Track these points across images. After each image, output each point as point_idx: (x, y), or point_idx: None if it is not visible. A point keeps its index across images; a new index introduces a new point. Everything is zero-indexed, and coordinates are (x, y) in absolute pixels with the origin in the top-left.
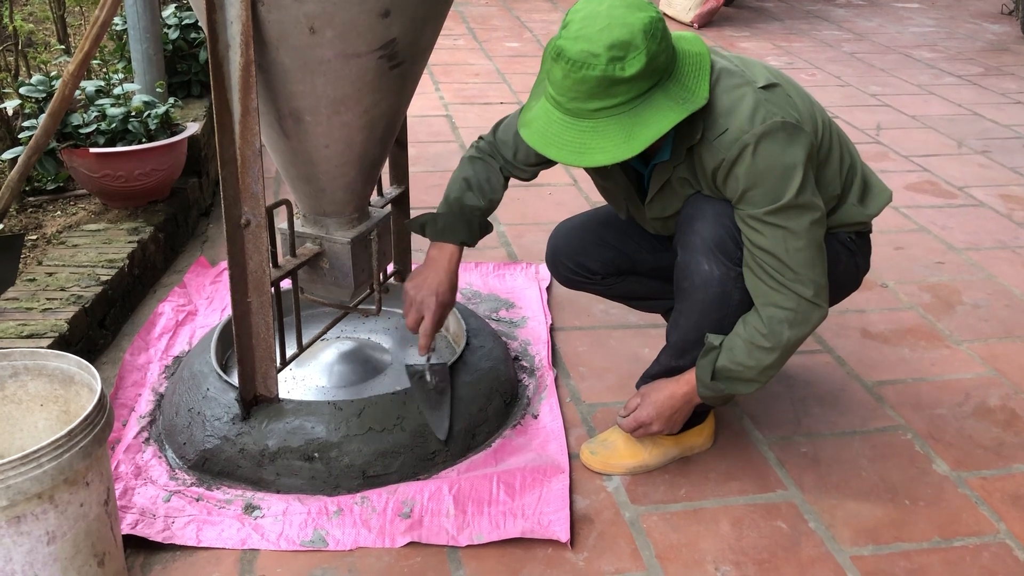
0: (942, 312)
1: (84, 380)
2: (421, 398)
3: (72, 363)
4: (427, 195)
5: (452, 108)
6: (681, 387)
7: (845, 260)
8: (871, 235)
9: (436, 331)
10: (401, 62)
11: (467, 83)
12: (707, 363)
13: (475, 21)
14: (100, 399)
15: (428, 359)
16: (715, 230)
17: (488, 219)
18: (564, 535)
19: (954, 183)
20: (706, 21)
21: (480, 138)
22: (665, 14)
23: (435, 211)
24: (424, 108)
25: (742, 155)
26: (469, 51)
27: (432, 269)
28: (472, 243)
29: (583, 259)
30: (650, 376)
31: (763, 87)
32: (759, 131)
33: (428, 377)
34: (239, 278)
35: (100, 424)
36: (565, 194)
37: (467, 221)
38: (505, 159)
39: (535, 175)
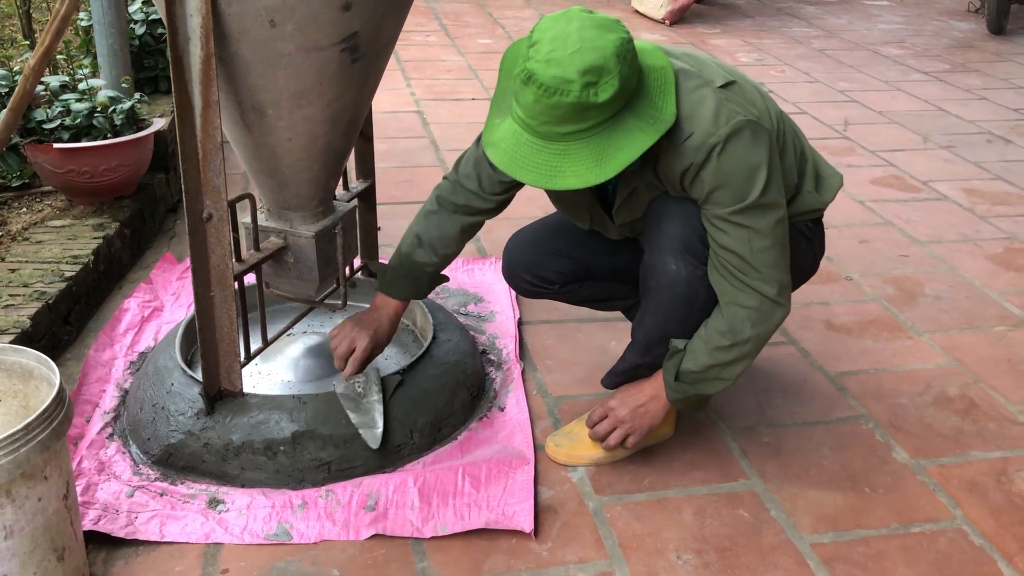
0: (905, 304)
1: (43, 375)
2: (350, 408)
3: (31, 358)
4: (397, 190)
5: (423, 104)
6: (650, 388)
7: (804, 248)
8: (823, 219)
9: (362, 366)
10: (363, 55)
11: (439, 79)
12: (671, 366)
13: (447, 17)
14: (59, 393)
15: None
16: (682, 230)
17: (443, 272)
18: (528, 526)
19: (919, 178)
20: (678, 18)
21: (444, 178)
22: (637, 11)
23: (389, 261)
24: (395, 104)
25: (709, 158)
26: (441, 47)
27: (375, 313)
28: (419, 297)
29: (539, 271)
30: (616, 373)
31: (722, 86)
32: (725, 132)
33: (358, 388)
34: (202, 272)
35: (58, 418)
36: (534, 188)
37: (415, 278)
38: (470, 192)
39: (502, 205)
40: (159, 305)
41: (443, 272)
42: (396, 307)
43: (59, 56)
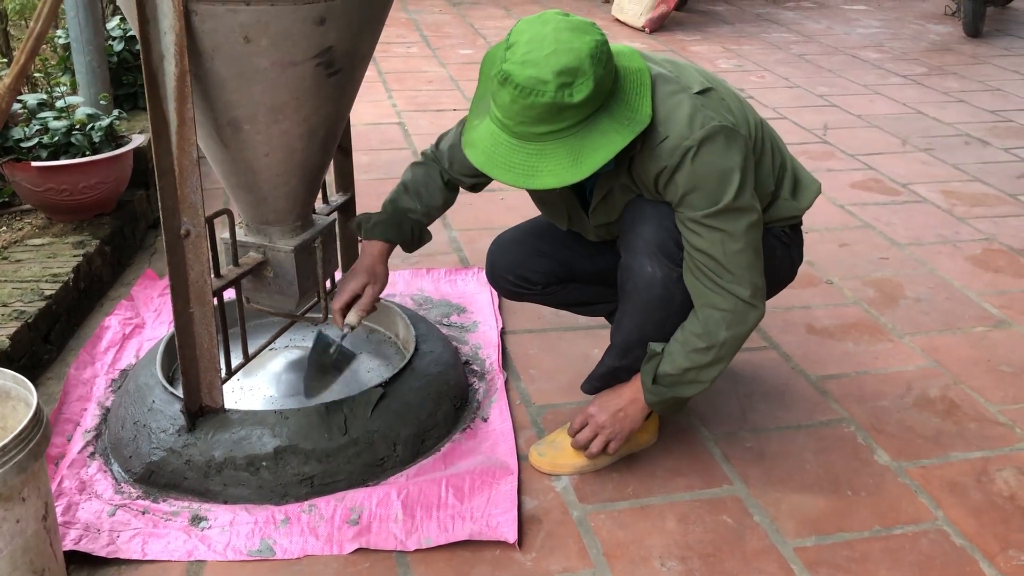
0: (885, 306)
1: (20, 395)
2: (313, 361)
3: (7, 378)
4: (379, 202)
5: (405, 115)
6: (628, 392)
7: (780, 254)
8: (802, 227)
9: (367, 310)
10: (339, 69)
11: (420, 90)
12: (649, 369)
13: (428, 28)
14: (35, 413)
15: (343, 338)
16: (657, 232)
17: (427, 228)
18: (512, 536)
19: (898, 180)
20: (657, 26)
21: (432, 144)
22: (617, 19)
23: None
24: (377, 115)
25: (683, 161)
26: (422, 58)
27: (365, 260)
28: (401, 241)
29: (522, 271)
30: (595, 377)
31: (698, 92)
32: (699, 136)
33: (332, 352)
34: (180, 289)
35: (35, 439)
36: (516, 198)
37: (398, 223)
38: (444, 168)
39: (478, 187)
40: (140, 322)
41: (428, 229)
42: (382, 248)
43: (37, 74)
